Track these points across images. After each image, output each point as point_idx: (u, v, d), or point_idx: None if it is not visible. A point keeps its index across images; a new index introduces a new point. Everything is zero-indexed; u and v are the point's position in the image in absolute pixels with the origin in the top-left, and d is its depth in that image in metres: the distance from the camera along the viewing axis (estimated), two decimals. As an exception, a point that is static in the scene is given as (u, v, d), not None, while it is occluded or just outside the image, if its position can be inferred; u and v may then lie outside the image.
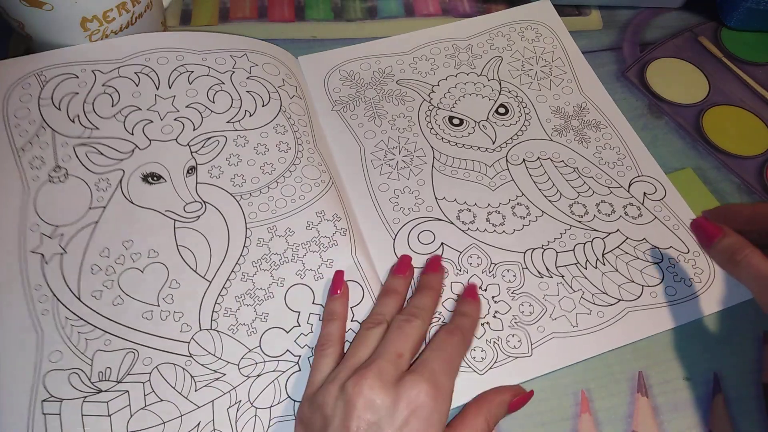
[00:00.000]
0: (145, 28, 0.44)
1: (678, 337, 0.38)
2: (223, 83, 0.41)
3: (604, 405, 0.36)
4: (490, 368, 0.36)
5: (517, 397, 0.33)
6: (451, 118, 0.46)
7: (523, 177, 0.43)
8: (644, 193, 0.43)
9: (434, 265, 0.38)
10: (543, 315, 0.37)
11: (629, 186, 0.43)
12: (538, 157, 0.44)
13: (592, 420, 0.35)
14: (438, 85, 0.48)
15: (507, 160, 0.44)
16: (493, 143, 0.45)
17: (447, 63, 0.49)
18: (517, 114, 0.46)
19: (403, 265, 0.37)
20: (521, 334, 0.37)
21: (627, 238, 0.40)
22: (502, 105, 0.47)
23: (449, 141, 0.44)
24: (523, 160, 0.44)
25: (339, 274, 0.36)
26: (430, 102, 0.46)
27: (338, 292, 0.36)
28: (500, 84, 0.48)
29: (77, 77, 0.40)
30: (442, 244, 0.40)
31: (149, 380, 0.32)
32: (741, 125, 0.47)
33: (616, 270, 0.39)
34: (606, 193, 0.42)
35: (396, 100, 0.46)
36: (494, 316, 0.37)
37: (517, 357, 0.36)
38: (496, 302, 0.38)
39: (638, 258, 0.40)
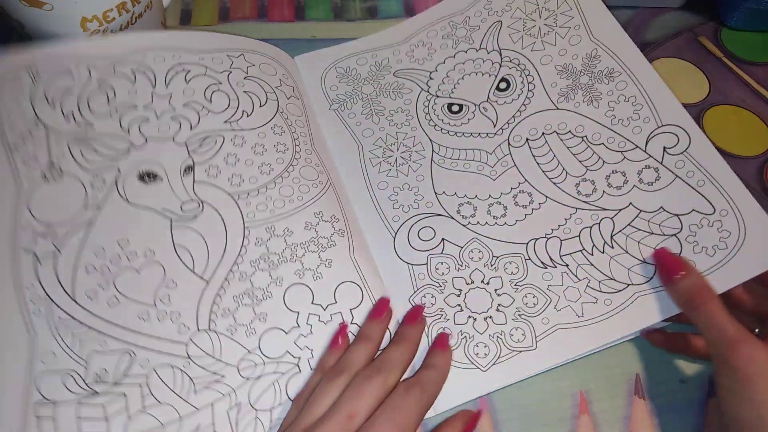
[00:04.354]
0: (145, 28, 0.43)
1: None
2: (221, 83, 0.41)
3: (603, 407, 0.36)
4: (493, 364, 0.35)
5: (467, 423, 0.33)
6: (450, 105, 0.44)
7: (526, 160, 0.41)
8: (664, 148, 0.39)
9: (414, 316, 0.36)
10: (547, 306, 0.36)
11: (646, 144, 0.40)
12: (543, 133, 0.42)
13: (591, 421, 0.35)
14: (436, 70, 0.46)
15: (509, 143, 0.42)
16: (495, 126, 0.43)
17: (444, 44, 0.47)
18: (519, 86, 0.44)
19: (379, 308, 0.36)
20: (525, 327, 0.36)
21: (640, 211, 0.38)
22: (503, 79, 0.44)
23: (448, 131, 0.43)
24: (526, 140, 0.42)
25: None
26: (428, 91, 0.45)
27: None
28: (500, 54, 0.46)
29: (71, 73, 0.39)
30: (442, 239, 0.39)
31: (147, 382, 0.32)
32: (741, 125, 0.47)
33: (626, 252, 0.37)
34: (618, 159, 0.40)
35: (393, 94, 0.45)
36: (497, 310, 0.37)
37: (521, 351, 0.35)
38: (499, 295, 0.37)
39: (653, 233, 0.37)
